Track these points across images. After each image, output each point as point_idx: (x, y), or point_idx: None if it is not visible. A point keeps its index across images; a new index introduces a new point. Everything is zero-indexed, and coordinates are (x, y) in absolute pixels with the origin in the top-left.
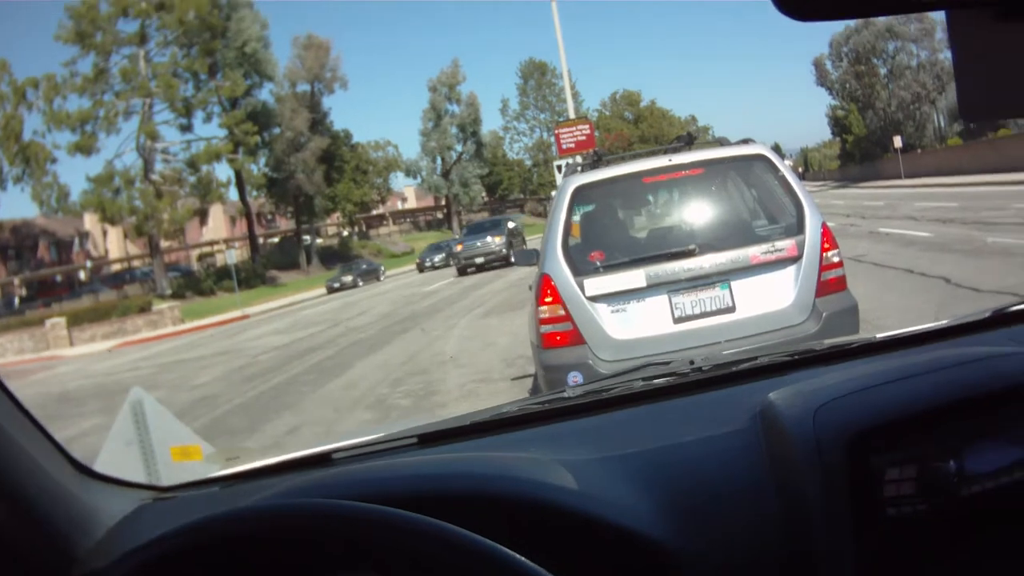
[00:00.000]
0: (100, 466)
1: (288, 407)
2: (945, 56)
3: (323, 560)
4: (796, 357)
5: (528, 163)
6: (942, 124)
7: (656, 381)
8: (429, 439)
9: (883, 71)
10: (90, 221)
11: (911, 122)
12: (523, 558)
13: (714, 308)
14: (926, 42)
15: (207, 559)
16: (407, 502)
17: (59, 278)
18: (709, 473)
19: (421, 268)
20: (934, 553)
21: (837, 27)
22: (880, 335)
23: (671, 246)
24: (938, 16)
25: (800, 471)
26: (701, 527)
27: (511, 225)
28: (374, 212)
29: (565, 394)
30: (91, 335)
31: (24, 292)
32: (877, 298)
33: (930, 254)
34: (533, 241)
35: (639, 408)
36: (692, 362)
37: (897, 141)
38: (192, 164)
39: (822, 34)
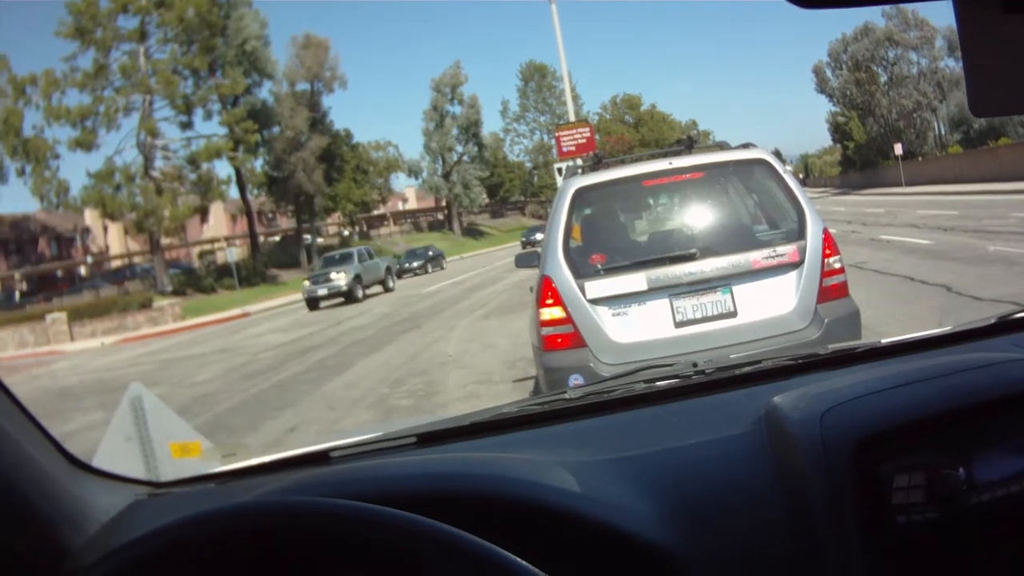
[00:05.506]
0: (98, 462)
1: (288, 405)
2: (945, 64)
3: (317, 559)
4: (800, 361)
5: (528, 165)
6: (943, 132)
7: (658, 383)
8: (428, 439)
9: (883, 78)
10: (91, 217)
11: (912, 129)
12: (522, 561)
13: (715, 312)
14: (926, 50)
15: (199, 555)
16: (404, 502)
17: (60, 273)
18: (712, 476)
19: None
20: (944, 563)
21: (835, 34)
22: (885, 340)
23: (672, 250)
24: (938, 23)
25: (806, 476)
26: (704, 531)
27: (365, 257)
28: (375, 212)
29: (566, 395)
30: (92, 330)
31: (24, 287)
32: (878, 305)
33: (931, 262)
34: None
35: (640, 410)
36: (695, 365)
37: (898, 148)
38: (192, 161)
39: (821, 40)
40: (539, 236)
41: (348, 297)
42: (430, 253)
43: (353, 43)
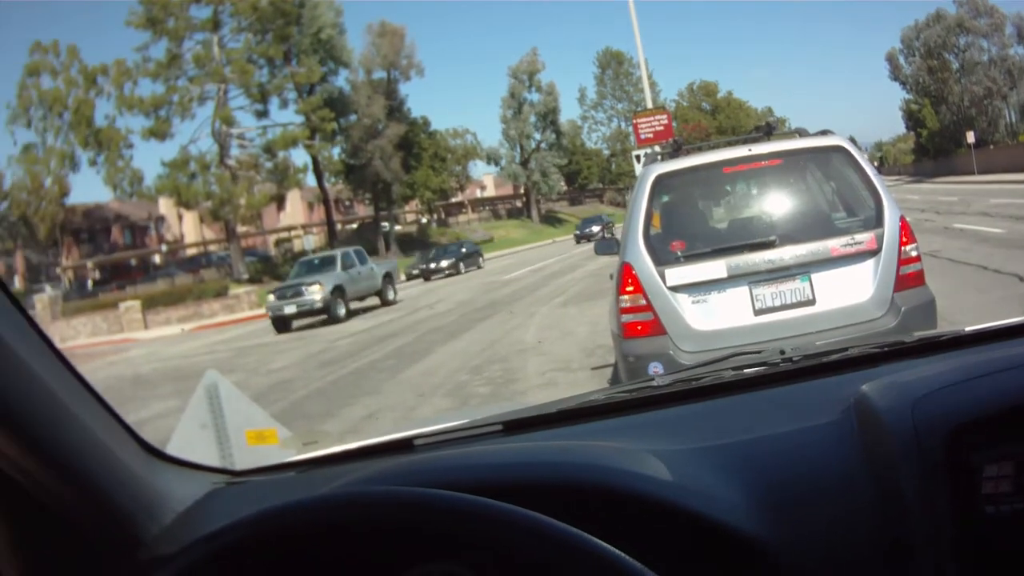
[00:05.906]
0: (172, 449)
1: (366, 392)
2: (1015, 51)
3: (407, 551)
4: (886, 349)
5: (606, 152)
6: (1013, 120)
7: (746, 371)
8: (514, 426)
9: (955, 66)
10: (165, 205)
11: (983, 117)
12: (617, 550)
13: (794, 300)
14: (996, 37)
15: (283, 548)
16: (495, 491)
17: (133, 262)
18: (803, 465)
19: (426, 276)
20: None
21: (908, 20)
22: (969, 328)
23: (752, 237)
24: (1008, 11)
25: (898, 464)
26: (795, 520)
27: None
28: (453, 200)
29: (654, 383)
30: (166, 318)
31: (97, 275)
32: (952, 294)
33: (1003, 250)
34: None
35: (729, 398)
36: (783, 352)
37: (970, 136)
38: (268, 149)
39: (894, 27)
40: (595, 228)
41: (328, 315)
42: (463, 250)
43: (430, 30)
